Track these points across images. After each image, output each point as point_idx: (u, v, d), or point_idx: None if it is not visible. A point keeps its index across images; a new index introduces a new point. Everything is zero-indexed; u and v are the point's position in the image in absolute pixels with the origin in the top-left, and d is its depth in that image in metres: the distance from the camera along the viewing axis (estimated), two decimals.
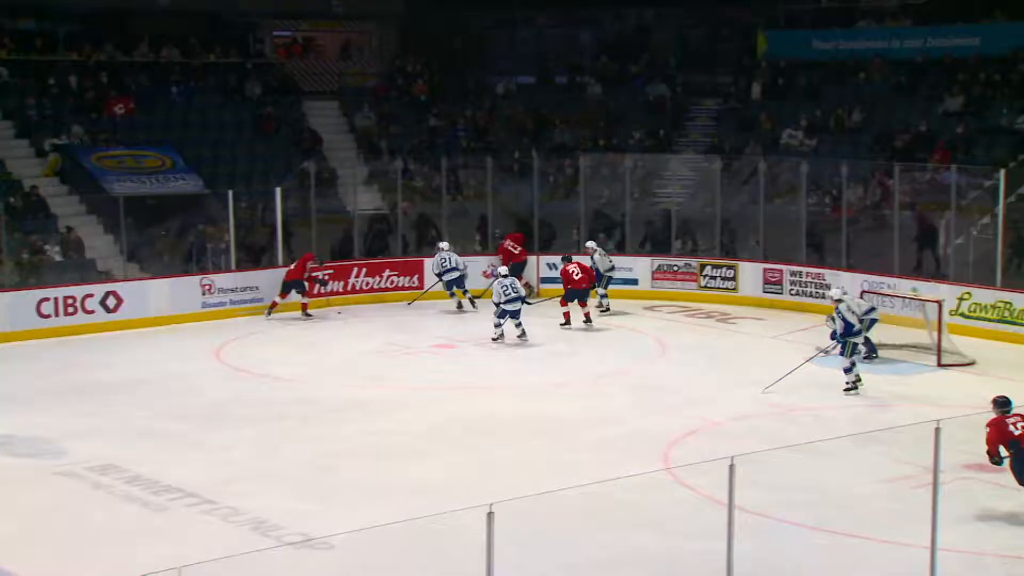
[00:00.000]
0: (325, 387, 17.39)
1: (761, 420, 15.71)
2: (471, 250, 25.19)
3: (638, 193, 26.71)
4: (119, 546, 11.35)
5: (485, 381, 17.96)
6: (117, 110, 26.61)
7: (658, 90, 30.32)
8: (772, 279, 23.26)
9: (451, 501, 10.36)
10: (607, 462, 13.39)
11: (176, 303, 21.85)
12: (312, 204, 24.39)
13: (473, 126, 29.51)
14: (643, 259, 24.72)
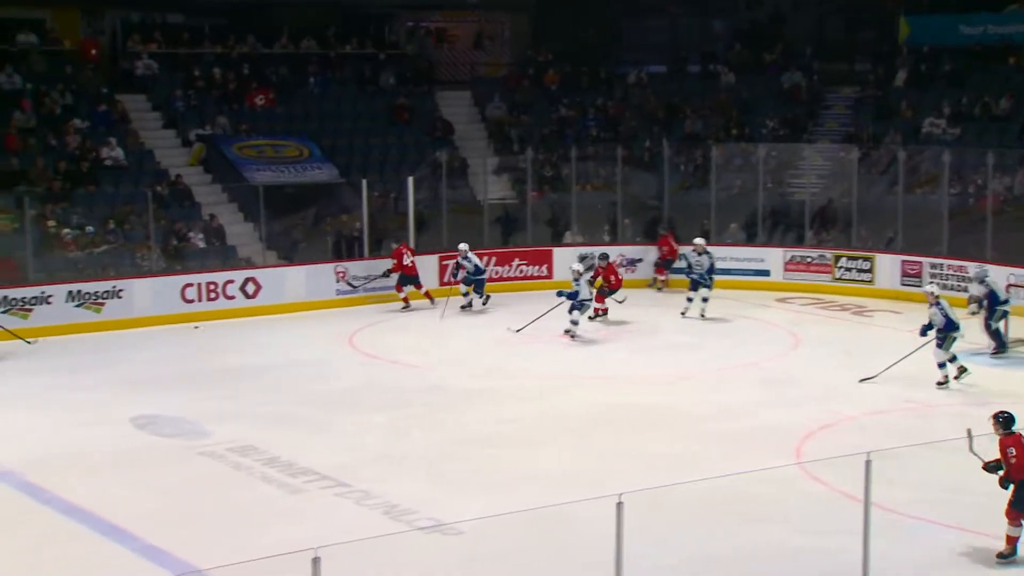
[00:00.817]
0: (452, 375, 17.54)
1: (896, 416, 15.41)
2: (599, 240, 25.17)
3: (771, 183, 26.37)
4: (257, 525, 11.66)
5: (608, 372, 17.91)
6: (258, 101, 27.24)
7: (793, 79, 29.82)
8: (911, 271, 22.76)
9: (576, 491, 10.40)
10: (735, 455, 13.29)
11: (311, 290, 22.32)
12: (443, 193, 24.65)
13: (603, 116, 29.43)
14: (775, 250, 24.42)
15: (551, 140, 28.17)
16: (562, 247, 24.93)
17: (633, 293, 22.69)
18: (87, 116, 25.20)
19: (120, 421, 15.21)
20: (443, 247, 23.81)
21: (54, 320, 20.10)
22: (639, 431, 14.86)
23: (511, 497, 11.52)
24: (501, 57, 32.16)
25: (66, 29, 27.77)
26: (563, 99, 29.82)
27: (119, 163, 24.56)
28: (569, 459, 13.64)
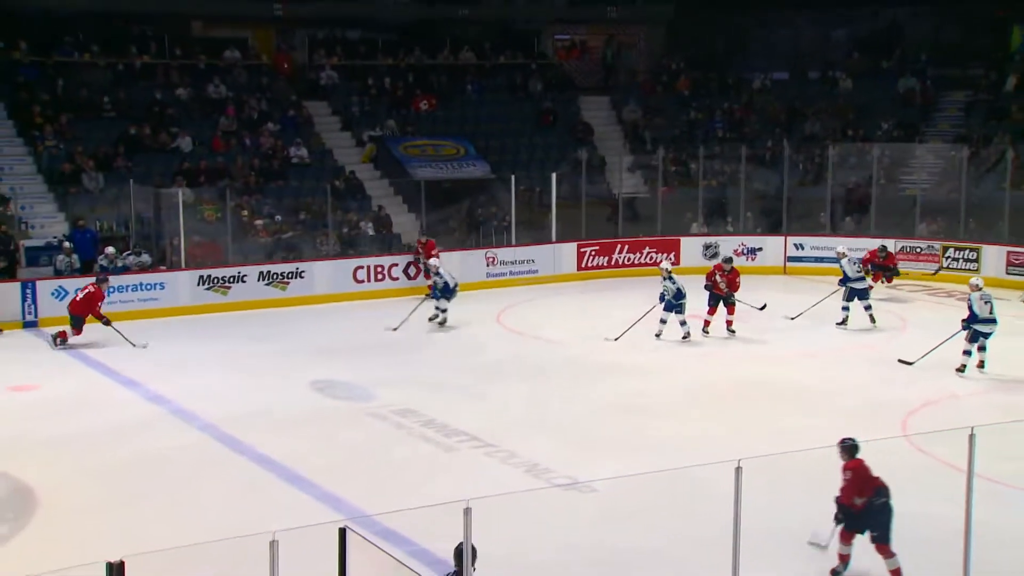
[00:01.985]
0: (590, 350, 17.53)
1: (998, 394, 14.89)
2: (723, 231, 24.82)
3: (884, 180, 25.62)
4: (416, 478, 11.87)
5: (733, 350, 17.68)
6: (422, 106, 27.64)
7: (908, 83, 28.94)
8: (1016, 261, 21.90)
9: (702, 456, 10.30)
10: (847, 428, 12.97)
11: (465, 272, 22.50)
12: (583, 188, 24.62)
13: (729, 118, 29.01)
14: (887, 241, 23.66)
15: (681, 140, 27.87)
16: (689, 236, 24.66)
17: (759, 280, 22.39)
18: (279, 120, 25.90)
19: (300, 384, 15.63)
20: (582, 236, 23.79)
21: (248, 296, 20.74)
22: (763, 404, 14.66)
23: (642, 460, 11.49)
24: (637, 65, 31.88)
25: (264, 46, 28.67)
26: (693, 103, 29.50)
27: (304, 161, 25.19)
28: (698, 428, 13.54)
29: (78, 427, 13.67)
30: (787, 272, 23.61)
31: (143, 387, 15.61)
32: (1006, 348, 16.33)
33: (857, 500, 9.27)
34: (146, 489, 11.70)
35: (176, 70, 26.35)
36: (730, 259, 18.95)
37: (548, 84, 29.50)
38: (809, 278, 22.97)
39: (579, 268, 23.49)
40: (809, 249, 23.97)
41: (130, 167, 23.05)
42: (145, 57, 26.41)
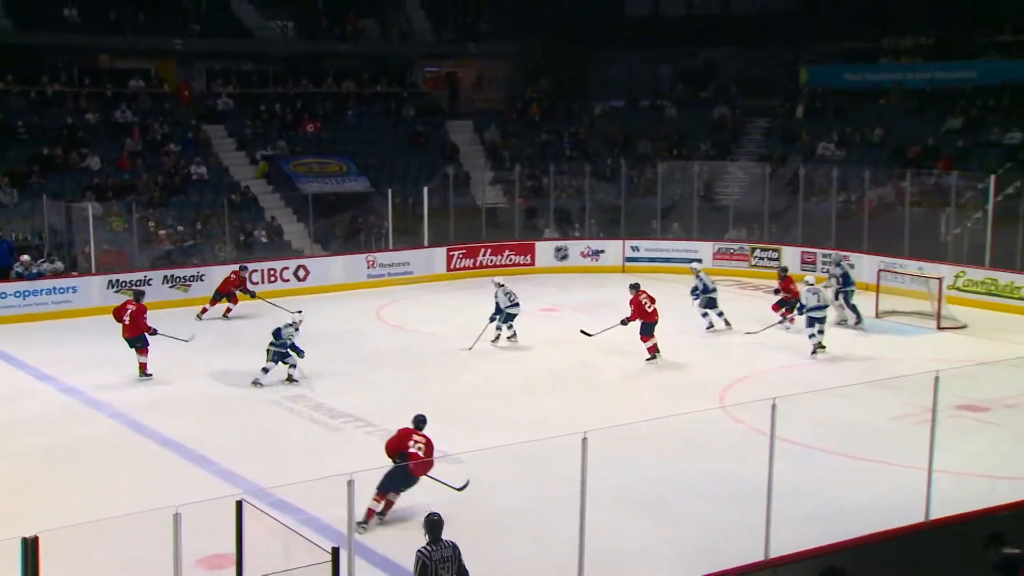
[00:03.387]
0: (461, 340, 17.50)
1: (798, 370, 15.47)
2: (571, 235, 25.14)
3: (703, 192, 26.33)
4: (306, 456, 11.67)
5: (582, 338, 17.86)
6: (309, 129, 27.14)
7: (721, 111, 29.77)
8: (808, 259, 22.76)
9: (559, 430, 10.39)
10: (675, 401, 13.31)
11: (348, 274, 22.28)
12: (451, 199, 24.57)
13: (575, 140, 29.36)
14: (706, 243, 24.37)
15: (534, 158, 28.08)
16: (542, 240, 24.89)
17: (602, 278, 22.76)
18: (180, 142, 25.13)
19: (201, 375, 15.18)
20: (450, 241, 23.77)
21: (153, 298, 19.92)
22: (609, 384, 14.88)
23: (507, 435, 11.50)
24: (496, 95, 32.00)
25: (166, 76, 27.85)
26: (544, 127, 29.72)
27: (203, 177, 24.49)
28: (558, 407, 13.59)
29: None
30: (625, 270, 24.04)
31: (57, 380, 14.94)
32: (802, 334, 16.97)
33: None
34: (60, 471, 11.21)
35: (85, 97, 25.44)
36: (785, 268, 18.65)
37: (419, 110, 29.34)
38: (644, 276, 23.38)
39: (448, 269, 23.47)
40: (644, 251, 24.47)
41: (43, 183, 22.08)
42: (56, 85, 25.41)
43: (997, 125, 24.89)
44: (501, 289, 17.04)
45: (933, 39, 28.07)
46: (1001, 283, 19.52)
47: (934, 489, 8.87)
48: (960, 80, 26.73)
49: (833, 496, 10.43)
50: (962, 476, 10.44)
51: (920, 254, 20.68)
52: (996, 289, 19.61)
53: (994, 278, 19.69)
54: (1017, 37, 26.57)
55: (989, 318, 18.69)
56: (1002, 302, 19.43)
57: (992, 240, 20.30)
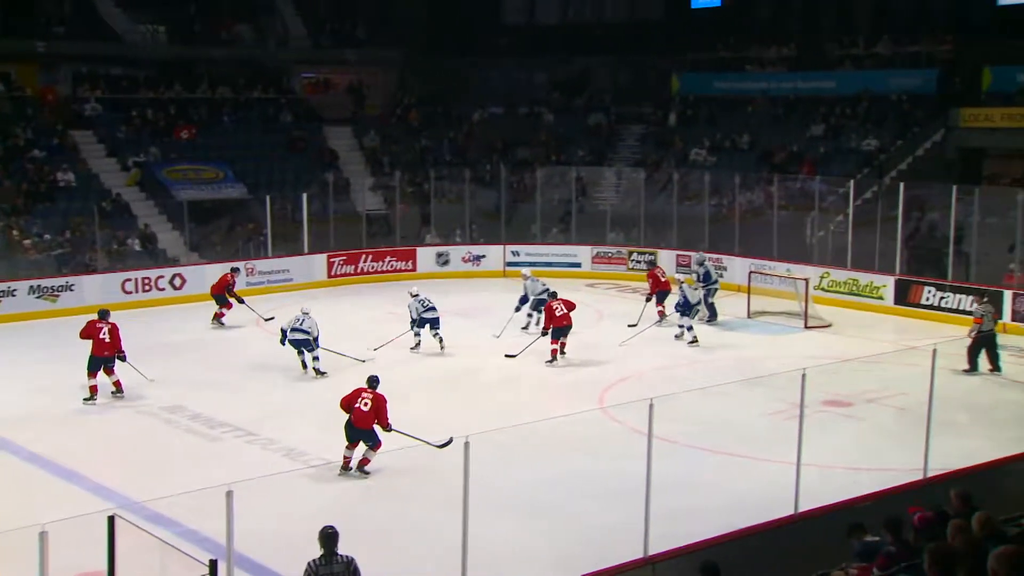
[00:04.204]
0: (343, 346, 17.26)
1: (675, 370, 15.81)
2: (453, 241, 25.15)
3: (581, 197, 26.72)
4: (183, 468, 11.31)
5: (464, 343, 17.86)
6: (183, 135, 26.33)
7: (596, 118, 30.26)
8: (683, 262, 23.27)
9: (442, 433, 10.37)
10: (557, 403, 13.44)
11: None
12: (331, 206, 24.24)
13: (454, 146, 29.37)
14: (584, 247, 24.68)
15: (414, 164, 27.96)
16: (423, 246, 24.80)
17: (483, 282, 22.80)
18: (45, 148, 23.97)
19: (74, 388, 14.53)
20: (331, 247, 23.44)
21: (18, 309, 19.10)
22: (491, 386, 14.91)
23: (388, 442, 11.38)
24: (375, 100, 31.75)
25: (27, 80, 26.49)
26: (423, 133, 29.62)
27: (71, 184, 23.44)
28: (438, 410, 13.57)
29: None
30: (506, 275, 24.16)
31: None
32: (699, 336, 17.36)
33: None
34: None
35: None
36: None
37: (297, 116, 28.84)
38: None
39: (329, 276, 23.13)
40: (524, 255, 24.58)
41: None
42: None
43: (855, 132, 26.09)
44: (415, 299, 16.97)
45: (795, 50, 29.24)
46: (862, 283, 20.45)
47: (802, 482, 9.20)
48: (820, 89, 27.90)
49: (710, 492, 10.71)
50: (828, 469, 10.86)
51: (788, 256, 21.47)
52: (857, 289, 20.53)
53: (855, 278, 20.61)
54: (869, 50, 27.97)
55: (852, 317, 19.53)
56: (863, 301, 20.35)
57: (852, 242, 21.24)
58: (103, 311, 14.90)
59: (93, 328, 14.30)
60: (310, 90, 31.13)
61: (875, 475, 10.64)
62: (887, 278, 20.13)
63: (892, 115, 26.23)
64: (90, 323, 14.47)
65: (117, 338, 14.28)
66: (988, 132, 24.76)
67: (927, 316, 18.85)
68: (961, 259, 20.08)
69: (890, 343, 17.25)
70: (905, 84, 26.50)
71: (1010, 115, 24.36)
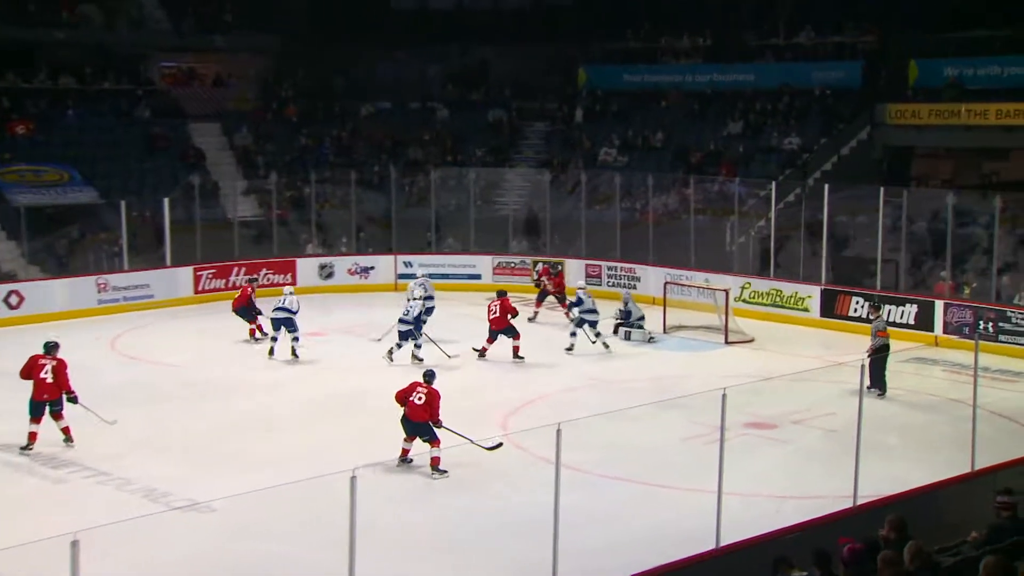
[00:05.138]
0: (212, 370, 16.97)
1: (585, 392, 15.94)
2: (338, 251, 24.93)
3: (480, 201, 26.80)
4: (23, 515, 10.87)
5: (352, 363, 17.71)
6: (19, 130, 25.46)
7: (496, 114, 30.45)
8: (593, 272, 23.58)
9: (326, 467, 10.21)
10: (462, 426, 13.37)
11: (74, 299, 21.03)
12: (197, 212, 23.75)
13: (338, 144, 29.15)
14: (485, 257, 24.75)
15: (293, 165, 27.65)
16: (305, 257, 24.50)
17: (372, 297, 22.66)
18: None
19: None
20: (197, 259, 22.95)
21: None
22: (383, 411, 14.72)
23: (268, 475, 11.18)
24: (247, 93, 31.30)
25: None
26: (303, 130, 29.33)
27: None
28: (325, 438, 13.40)
29: None
30: (398, 289, 24.01)
31: None
32: (608, 359, 17.55)
33: None
34: None
35: None
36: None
37: (156, 110, 28.20)
38: None
39: (196, 291, 22.64)
40: (417, 266, 24.43)
41: None
42: None
43: (776, 130, 26.88)
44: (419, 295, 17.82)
45: (711, 40, 29.94)
46: (786, 294, 21.03)
47: (724, 513, 9.36)
48: (739, 83, 28.67)
49: (623, 525, 10.82)
50: (751, 498, 11.09)
51: (706, 265, 21.94)
52: (781, 300, 21.10)
53: (779, 289, 21.17)
54: (790, 40, 28.81)
55: (775, 331, 20.05)
56: (788, 314, 20.92)
57: (775, 249, 21.81)
58: (49, 344, 13.59)
59: (34, 365, 13.28)
60: (171, 81, 30.47)
61: (802, 503, 10.91)
62: (813, 288, 20.74)
63: (815, 111, 27.11)
64: (31, 359, 13.40)
65: (64, 377, 13.29)
66: (916, 130, 25.81)
67: (855, 329, 19.36)
68: (890, 267, 20.79)
69: (817, 359, 17.75)
70: (828, 77, 27.45)
71: (938, 111, 25.36)
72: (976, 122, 24.72)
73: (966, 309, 18.76)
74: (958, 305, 18.91)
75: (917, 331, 19.06)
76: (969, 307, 18.78)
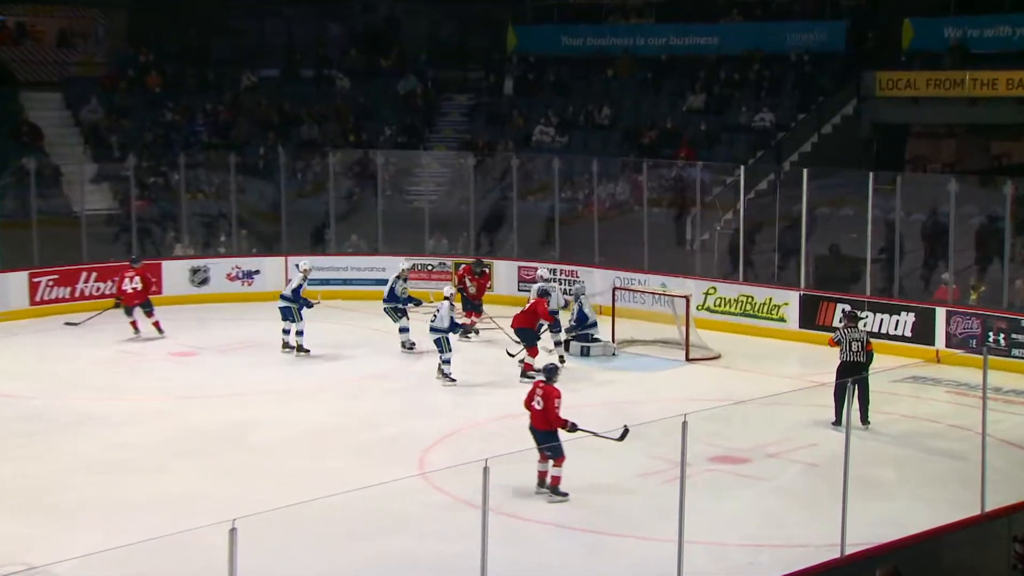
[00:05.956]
0: (55, 400, 16.64)
1: (519, 419, 15.87)
2: (215, 252, 24.67)
3: (390, 191, 26.71)
4: None
5: (231, 389, 17.51)
6: None
7: (409, 85, 30.42)
8: (527, 277, 23.59)
9: (197, 517, 10.07)
10: (365, 468, 13.30)
11: None
12: (33, 203, 23.33)
13: (214, 121, 28.87)
14: (397, 259, 24.51)
15: (156, 146, 27.30)
16: (172, 259, 24.19)
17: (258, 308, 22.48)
18: None
19: None
20: (34, 263, 22.53)
21: None
22: (269, 448, 14.64)
23: (128, 529, 10.97)
24: (95, 56, 30.80)
25: None
26: (168, 102, 29.00)
27: None
28: (196, 482, 13.23)
29: None
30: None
31: None
32: None
33: None
34: None
35: None
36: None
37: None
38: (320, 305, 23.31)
39: (33, 302, 22.25)
40: (314, 270, 24.22)
41: None
42: None
43: (745, 104, 27.23)
44: None
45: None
46: (758, 301, 21.27)
47: (688, 566, 9.40)
48: (700, 48, 29.01)
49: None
50: (720, 547, 11.16)
51: (663, 266, 22.11)
52: (753, 309, 21.33)
53: (749, 295, 21.40)
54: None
55: (746, 345, 20.25)
56: (760, 324, 21.14)
57: (745, 247, 22.05)
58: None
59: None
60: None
61: (780, 553, 11.01)
62: (790, 294, 21.00)
63: (791, 81, 27.52)
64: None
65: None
66: (911, 103, 26.28)
67: None
68: (881, 268, 21.09)
69: (796, 379, 17.95)
70: (807, 41, 27.92)
71: (938, 81, 25.80)
72: (983, 94, 25.21)
73: (973, 318, 19.08)
74: (963, 313, 19.23)
75: (915, 345, 19.33)
76: (976, 315, 19.10)
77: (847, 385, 12.47)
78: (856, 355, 15.39)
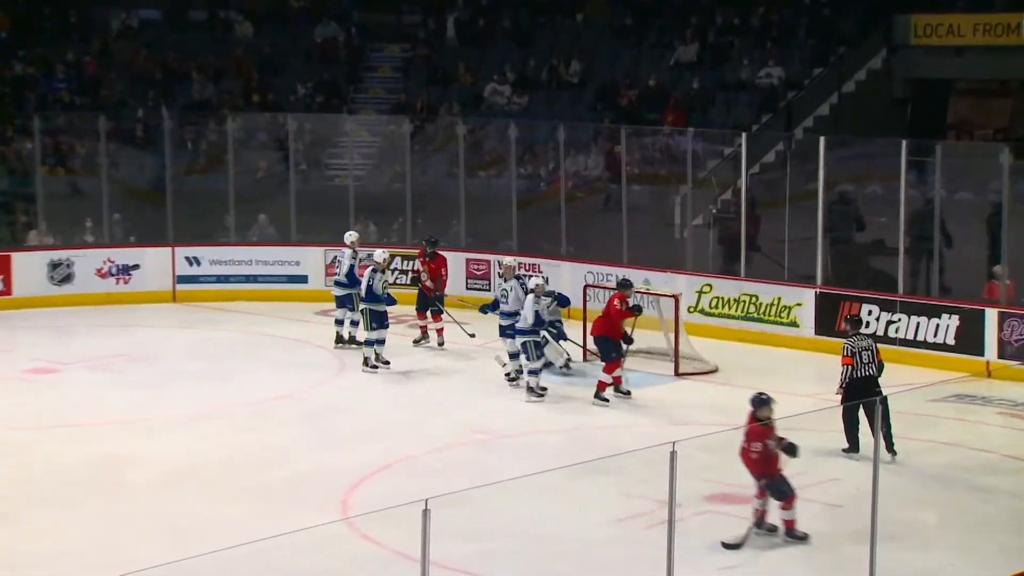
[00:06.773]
0: None
1: (465, 450, 15.91)
2: (80, 241, 24.52)
3: (306, 165, 26.62)
4: None
5: (101, 415, 17.44)
6: None
7: (328, 31, 30.36)
8: (478, 272, 23.56)
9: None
10: (271, 514, 13.24)
11: None
12: None
13: (79, 75, 28.73)
14: (315, 249, 24.57)
15: (4, 106, 27.09)
16: (26, 251, 24.00)
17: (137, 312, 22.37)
18: None
19: None
20: None
21: None
22: (148, 490, 14.56)
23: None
24: None
25: None
26: (19, 52, 28.84)
27: None
28: (55, 535, 13.08)
29: None
30: (178, 299, 23.70)
31: None
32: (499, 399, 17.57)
33: None
34: None
35: None
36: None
37: None
38: (211, 306, 23.20)
39: None
40: (208, 264, 24.26)
41: None
42: None
43: (747, 56, 27.32)
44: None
45: None
46: (763, 301, 21.35)
47: None
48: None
49: None
50: None
51: (646, 259, 22.21)
52: (757, 311, 21.40)
53: (753, 293, 21.49)
54: None
55: (749, 355, 20.39)
56: (767, 330, 21.24)
57: (747, 234, 22.11)
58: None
59: None
60: None
61: None
62: (804, 292, 21.14)
63: (805, 27, 27.66)
64: None
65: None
66: (954, 54, 26.41)
67: None
68: (919, 260, 21.18)
69: (811, 398, 18.04)
70: None
71: (988, 26, 25.98)
72: None
73: None
74: (1020, 316, 19.38)
75: (959, 355, 19.48)
76: None
77: (874, 406, 12.52)
78: (867, 367, 15.36)
